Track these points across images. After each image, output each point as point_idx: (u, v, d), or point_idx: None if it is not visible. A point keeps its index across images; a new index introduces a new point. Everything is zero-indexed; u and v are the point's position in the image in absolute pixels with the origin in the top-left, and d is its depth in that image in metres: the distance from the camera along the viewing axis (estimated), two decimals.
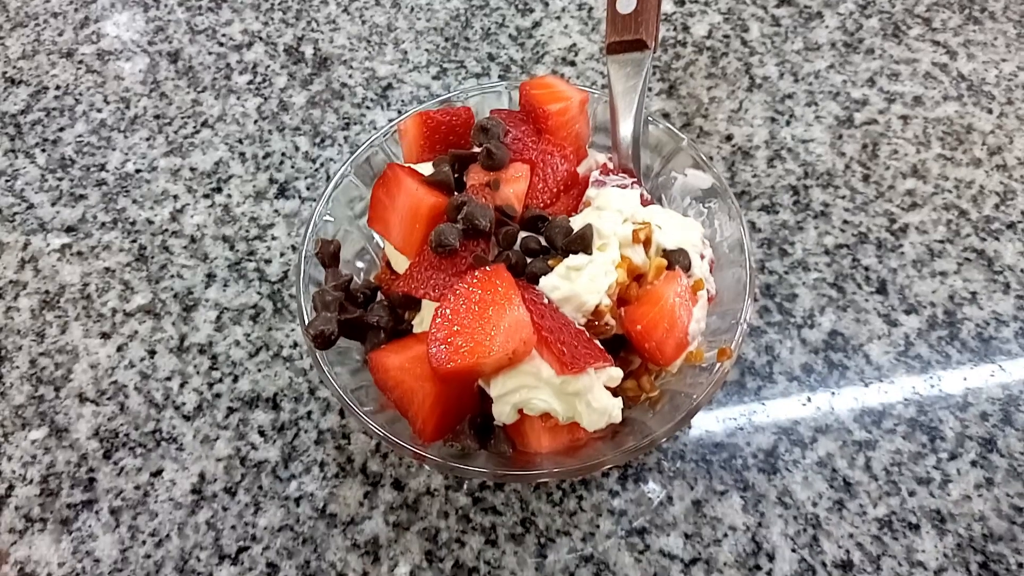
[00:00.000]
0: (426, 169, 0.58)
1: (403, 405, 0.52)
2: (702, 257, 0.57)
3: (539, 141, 0.60)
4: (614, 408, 0.51)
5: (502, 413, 0.51)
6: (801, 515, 0.59)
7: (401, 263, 0.57)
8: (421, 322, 0.56)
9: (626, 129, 0.62)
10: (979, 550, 0.57)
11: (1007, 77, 0.82)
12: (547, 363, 0.49)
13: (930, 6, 0.88)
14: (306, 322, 0.55)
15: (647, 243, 0.55)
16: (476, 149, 0.59)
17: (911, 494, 0.60)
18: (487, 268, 0.50)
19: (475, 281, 0.49)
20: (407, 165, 0.60)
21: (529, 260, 0.54)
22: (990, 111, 0.79)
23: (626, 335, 0.53)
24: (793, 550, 0.58)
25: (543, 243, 0.56)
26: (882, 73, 0.83)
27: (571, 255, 0.53)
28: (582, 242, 0.53)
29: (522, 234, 0.56)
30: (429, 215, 0.54)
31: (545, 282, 0.52)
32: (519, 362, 0.49)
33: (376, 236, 0.64)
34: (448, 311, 0.48)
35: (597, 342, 0.52)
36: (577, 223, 0.55)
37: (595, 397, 0.50)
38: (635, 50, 0.62)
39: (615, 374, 0.51)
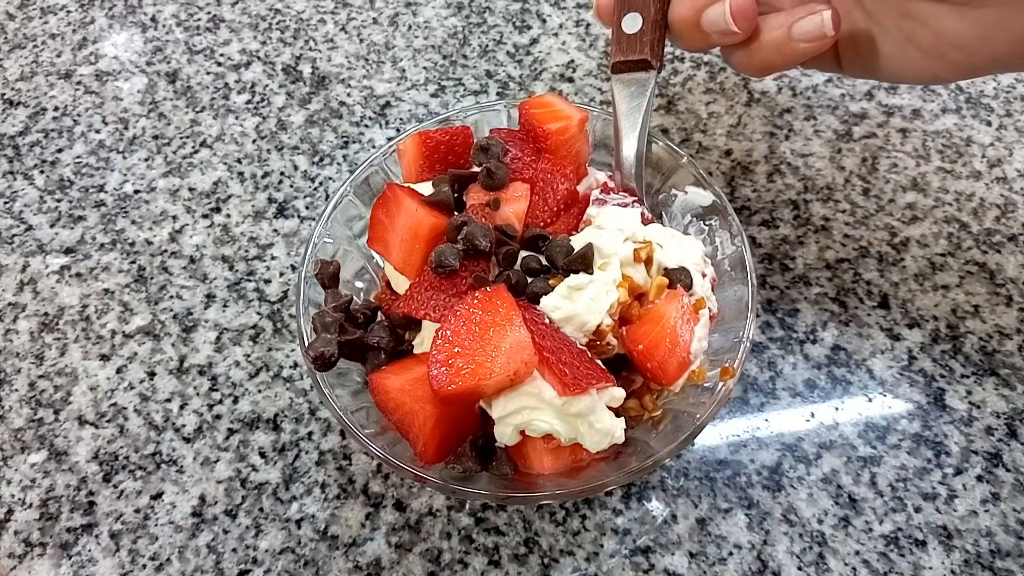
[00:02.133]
0: (425, 189, 0.58)
1: (404, 427, 0.51)
2: (703, 276, 0.57)
3: (539, 160, 0.60)
4: (616, 429, 0.51)
5: (504, 435, 0.51)
6: (807, 532, 0.59)
7: (401, 283, 0.57)
8: (422, 343, 0.55)
9: (629, 149, 0.61)
10: (987, 566, 0.57)
11: (1005, 89, 0.82)
12: (549, 384, 0.48)
13: None
14: (306, 344, 0.55)
15: (648, 262, 0.55)
16: (476, 169, 0.59)
17: (917, 510, 0.59)
18: (488, 289, 0.50)
19: (475, 302, 0.48)
20: (406, 185, 0.59)
21: (530, 280, 0.54)
22: (989, 123, 0.79)
23: (628, 355, 0.53)
24: (799, 568, 0.57)
25: (544, 262, 0.55)
26: (880, 86, 0.83)
27: (572, 275, 0.53)
28: (583, 261, 0.53)
29: (523, 254, 0.56)
30: (429, 235, 0.54)
31: (546, 302, 0.52)
32: (520, 383, 0.48)
33: (376, 256, 0.63)
34: (448, 332, 0.48)
35: (599, 362, 0.52)
36: (578, 242, 0.55)
37: (597, 418, 0.49)
38: (640, 70, 0.62)
39: (617, 394, 0.51)
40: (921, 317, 0.68)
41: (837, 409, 0.64)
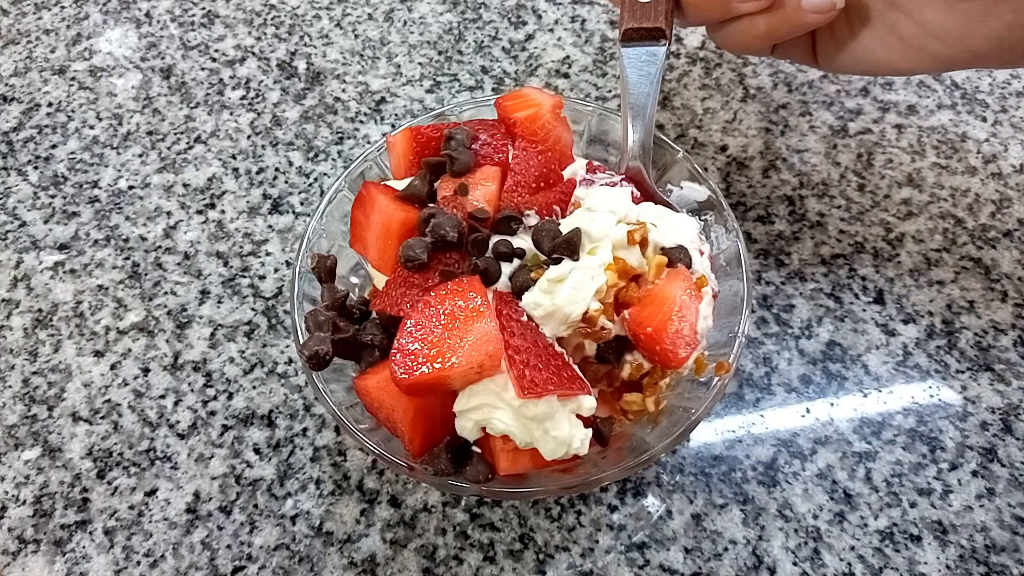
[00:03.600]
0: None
1: (390, 424, 0.51)
2: (701, 253, 0.56)
3: (512, 143, 0.59)
4: (575, 439, 0.49)
5: (463, 428, 0.50)
6: (802, 528, 0.59)
7: (382, 282, 0.56)
8: None
9: (639, 123, 0.60)
10: (982, 561, 0.57)
11: (1000, 85, 0.82)
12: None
13: None
14: (300, 342, 0.55)
15: (643, 243, 0.54)
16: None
17: (912, 505, 0.59)
18: (462, 279, 0.49)
19: (445, 292, 0.48)
20: (383, 182, 0.59)
21: (513, 271, 0.53)
22: (984, 119, 0.79)
23: (633, 339, 0.52)
24: (794, 563, 0.57)
25: (514, 246, 0.54)
26: (875, 82, 0.83)
27: (554, 265, 0.52)
28: (569, 247, 0.52)
29: (494, 238, 0.54)
30: (400, 230, 0.54)
31: (528, 299, 0.51)
32: (488, 376, 0.48)
33: None
34: (413, 323, 0.47)
35: (575, 368, 0.51)
36: (567, 226, 0.54)
37: (555, 425, 0.48)
38: (652, 39, 0.60)
39: (587, 404, 0.50)
40: (916, 312, 0.68)
41: (832, 405, 0.64)
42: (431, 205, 0.55)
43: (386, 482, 0.62)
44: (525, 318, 0.50)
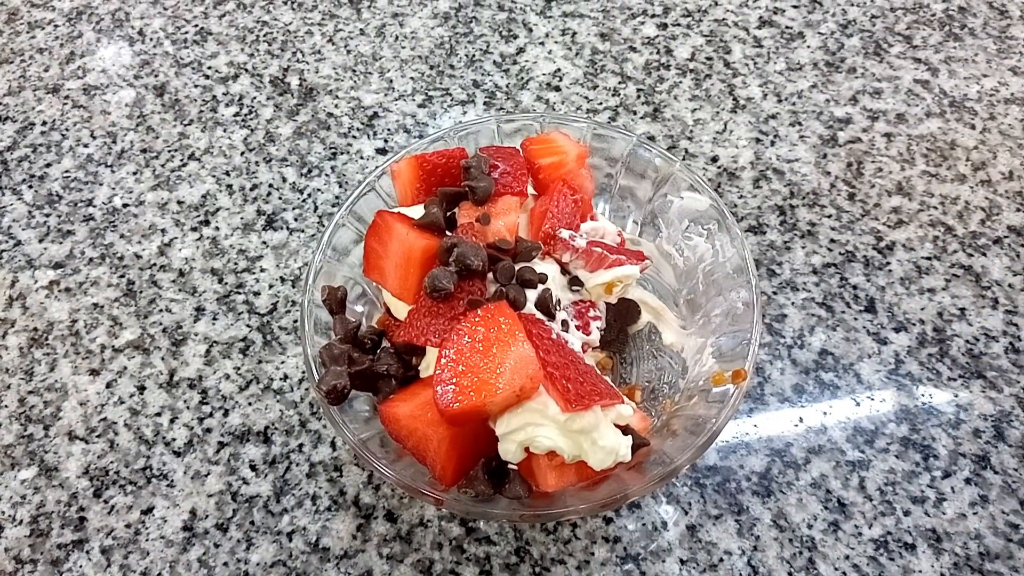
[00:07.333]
0: (418, 212, 0.58)
1: (419, 453, 0.51)
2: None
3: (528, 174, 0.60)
4: (622, 447, 0.49)
5: (507, 451, 0.50)
6: (796, 538, 0.59)
7: (400, 310, 0.56)
8: (427, 367, 0.55)
9: None
10: (976, 569, 0.57)
11: (989, 92, 0.82)
12: (553, 400, 0.48)
13: (910, 24, 0.89)
14: (316, 379, 0.54)
15: None
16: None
17: (906, 513, 0.60)
18: (490, 305, 0.50)
19: (478, 319, 0.48)
20: (396, 210, 0.59)
21: (538, 296, 0.53)
22: (973, 127, 0.80)
23: None
24: (789, 573, 0.57)
25: (539, 272, 0.55)
26: (864, 91, 0.83)
27: None
28: None
29: (518, 266, 0.55)
30: (422, 258, 0.54)
31: None
32: (527, 399, 0.48)
33: None
34: (452, 352, 0.47)
35: (607, 379, 0.51)
36: None
37: (601, 435, 0.48)
38: None
39: (625, 412, 0.50)
40: (908, 321, 0.68)
41: (825, 414, 0.64)
42: (450, 234, 0.55)
43: (382, 497, 0.62)
44: (555, 335, 0.51)
